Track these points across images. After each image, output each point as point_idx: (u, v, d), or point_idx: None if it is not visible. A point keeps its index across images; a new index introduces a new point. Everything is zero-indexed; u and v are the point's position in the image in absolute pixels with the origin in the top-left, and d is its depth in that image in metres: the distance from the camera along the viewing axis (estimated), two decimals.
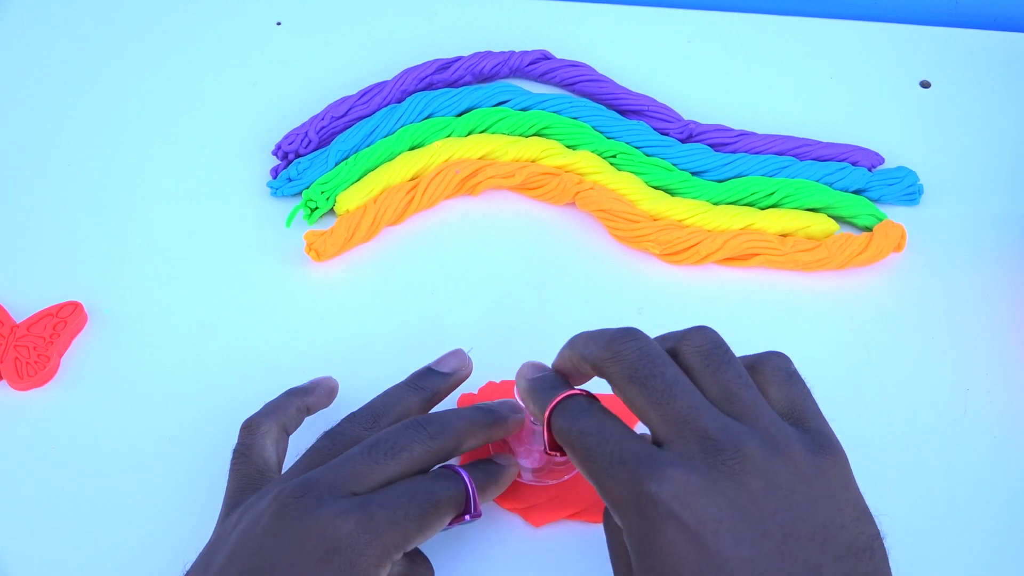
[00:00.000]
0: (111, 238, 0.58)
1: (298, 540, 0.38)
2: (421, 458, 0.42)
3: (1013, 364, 0.53)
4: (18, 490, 0.49)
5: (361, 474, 0.40)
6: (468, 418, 0.44)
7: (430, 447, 0.42)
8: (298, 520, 0.38)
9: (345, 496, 0.39)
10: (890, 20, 0.69)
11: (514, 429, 0.45)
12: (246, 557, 0.38)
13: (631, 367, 0.38)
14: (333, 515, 0.38)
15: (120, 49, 0.67)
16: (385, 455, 0.41)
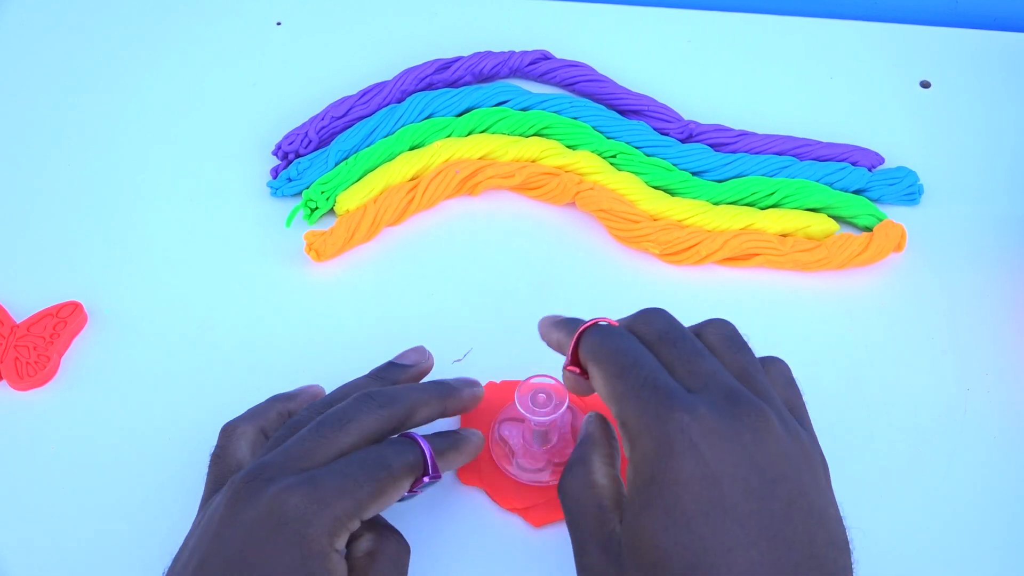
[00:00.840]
0: (111, 238, 0.58)
1: (249, 521, 0.38)
2: (371, 428, 0.42)
3: (1013, 364, 0.53)
4: (18, 490, 0.49)
5: (311, 450, 0.40)
6: (419, 389, 0.45)
7: (380, 415, 0.42)
8: (249, 502, 0.38)
9: (295, 473, 0.39)
10: (890, 20, 0.69)
11: (470, 403, 0.46)
12: (206, 547, 0.38)
13: (662, 330, 0.40)
14: (280, 491, 0.38)
15: (120, 49, 0.67)
16: (332, 428, 0.41)
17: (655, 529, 0.35)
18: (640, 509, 0.35)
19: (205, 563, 0.38)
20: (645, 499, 0.35)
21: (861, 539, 0.48)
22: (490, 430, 0.49)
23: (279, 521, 0.37)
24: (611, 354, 0.39)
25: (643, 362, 0.38)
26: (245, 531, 0.38)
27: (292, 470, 0.39)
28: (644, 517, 0.35)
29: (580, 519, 0.39)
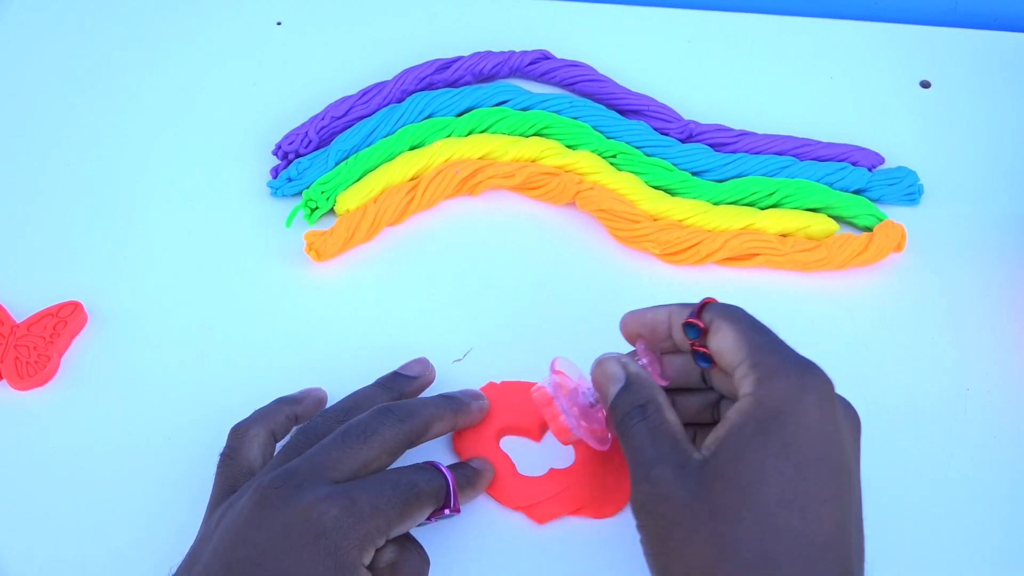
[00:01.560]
0: (111, 238, 0.58)
1: (282, 528, 0.39)
2: (392, 441, 0.43)
3: (1013, 364, 0.53)
4: (18, 490, 0.49)
5: (337, 460, 0.42)
6: (434, 404, 0.46)
7: (400, 430, 0.44)
8: (280, 508, 0.39)
9: (326, 483, 0.40)
10: (890, 20, 0.69)
11: (478, 417, 0.49)
12: (231, 549, 0.39)
13: (753, 320, 0.42)
14: (317, 500, 0.39)
15: (120, 49, 0.67)
16: (358, 439, 0.42)
17: (764, 455, 0.37)
18: (752, 435, 0.38)
19: (232, 564, 0.38)
20: (761, 427, 0.38)
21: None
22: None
23: (318, 531, 0.39)
24: (746, 315, 0.42)
25: (773, 333, 0.42)
26: (278, 536, 0.39)
27: (320, 478, 0.41)
28: (755, 442, 0.37)
29: (655, 448, 0.40)
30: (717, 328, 0.42)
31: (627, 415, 0.41)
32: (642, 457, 0.40)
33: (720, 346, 0.41)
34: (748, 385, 0.39)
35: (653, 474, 0.39)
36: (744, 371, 0.40)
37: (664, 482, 0.39)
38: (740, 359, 0.40)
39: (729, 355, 0.41)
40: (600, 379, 0.43)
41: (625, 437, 0.41)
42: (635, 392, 0.42)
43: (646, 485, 0.39)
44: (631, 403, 0.42)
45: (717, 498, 0.37)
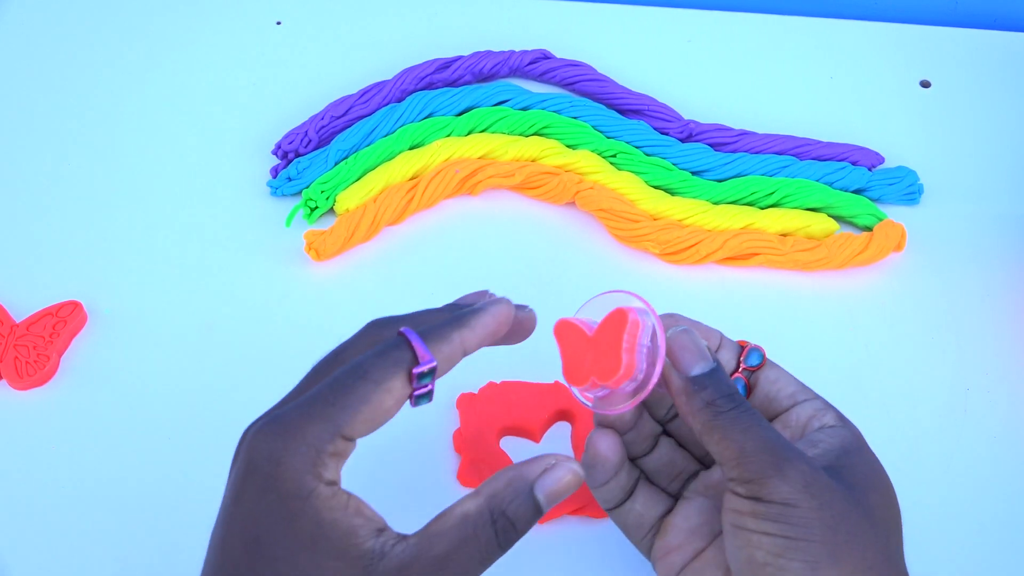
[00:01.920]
0: (111, 238, 0.58)
1: (234, 479, 0.34)
2: (364, 351, 0.36)
3: (1013, 364, 0.53)
4: (18, 490, 0.49)
5: (300, 388, 0.36)
6: (430, 311, 0.39)
7: (377, 336, 0.37)
8: (234, 461, 0.35)
9: (267, 415, 0.35)
10: (890, 20, 0.69)
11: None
12: (218, 517, 0.35)
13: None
14: (249, 439, 0.34)
15: (120, 49, 0.67)
16: (326, 360, 0.37)
17: (873, 483, 0.38)
18: (861, 460, 0.38)
19: (215, 536, 0.35)
20: (863, 458, 0.38)
21: None
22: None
23: (250, 470, 0.33)
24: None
25: None
26: (232, 490, 0.34)
27: (268, 414, 0.35)
28: (863, 464, 0.38)
29: (772, 428, 0.37)
30: (771, 365, 0.41)
31: (733, 395, 0.37)
32: (783, 439, 0.36)
33: (780, 379, 0.41)
34: (832, 419, 0.39)
35: (809, 460, 0.36)
36: (821, 406, 0.40)
37: (820, 472, 0.36)
38: (810, 396, 0.40)
39: (791, 388, 0.41)
40: (687, 347, 0.38)
41: (740, 416, 0.36)
42: (727, 377, 0.38)
43: (808, 468, 0.35)
44: (730, 385, 0.37)
45: (873, 510, 0.37)
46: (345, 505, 0.33)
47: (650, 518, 0.41)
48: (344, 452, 0.34)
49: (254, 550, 0.33)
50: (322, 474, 0.33)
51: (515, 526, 0.34)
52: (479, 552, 0.34)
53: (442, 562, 0.33)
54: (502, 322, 0.38)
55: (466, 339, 0.36)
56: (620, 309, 0.38)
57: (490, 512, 0.34)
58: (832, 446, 0.38)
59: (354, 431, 0.34)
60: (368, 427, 0.34)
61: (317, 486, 0.33)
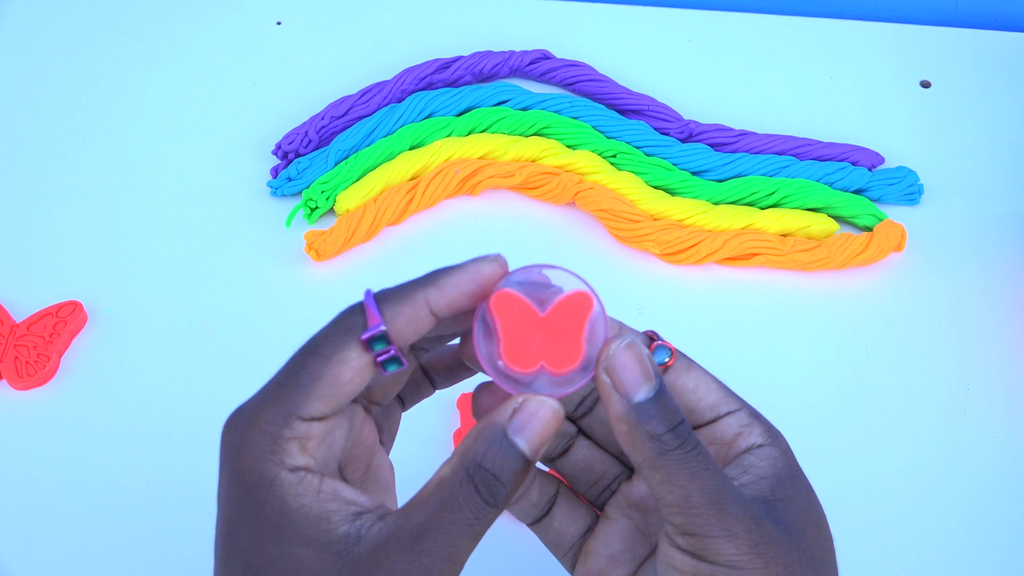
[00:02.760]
0: (111, 238, 0.58)
1: (218, 478, 0.33)
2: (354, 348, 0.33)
3: (1013, 364, 0.53)
4: (18, 489, 0.49)
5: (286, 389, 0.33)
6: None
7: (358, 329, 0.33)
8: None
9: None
10: (890, 20, 0.69)
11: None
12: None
13: None
14: (222, 434, 0.33)
15: (120, 49, 0.67)
16: (307, 354, 0.33)
17: (808, 508, 0.34)
18: (793, 490, 0.34)
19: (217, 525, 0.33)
20: (793, 480, 0.34)
21: (861, 539, 0.48)
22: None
23: (221, 464, 0.32)
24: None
25: None
26: (218, 487, 0.33)
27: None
28: (797, 495, 0.34)
29: (720, 472, 0.33)
30: (688, 366, 0.35)
31: (679, 428, 0.32)
32: (732, 488, 0.32)
33: (699, 386, 0.35)
34: (759, 436, 0.34)
35: (754, 511, 0.32)
36: (746, 420, 0.35)
37: (767, 523, 0.32)
38: (734, 406, 0.35)
39: (712, 397, 0.35)
40: (628, 367, 0.32)
41: (688, 459, 0.32)
42: (673, 401, 0.33)
43: (754, 525, 0.32)
44: (677, 414, 0.32)
45: (811, 549, 0.33)
46: (316, 490, 0.31)
47: (570, 536, 0.37)
48: (307, 434, 0.31)
49: (229, 543, 0.32)
50: (283, 460, 0.31)
51: (498, 477, 0.31)
52: (463, 515, 0.30)
53: (421, 533, 0.30)
54: (482, 282, 0.33)
55: (432, 299, 0.32)
56: (583, 293, 0.34)
57: (465, 470, 0.31)
58: (764, 472, 0.34)
59: (311, 410, 0.31)
60: (329, 403, 0.32)
61: (279, 473, 0.31)
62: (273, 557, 0.31)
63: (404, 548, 0.30)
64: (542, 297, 0.34)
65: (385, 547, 0.30)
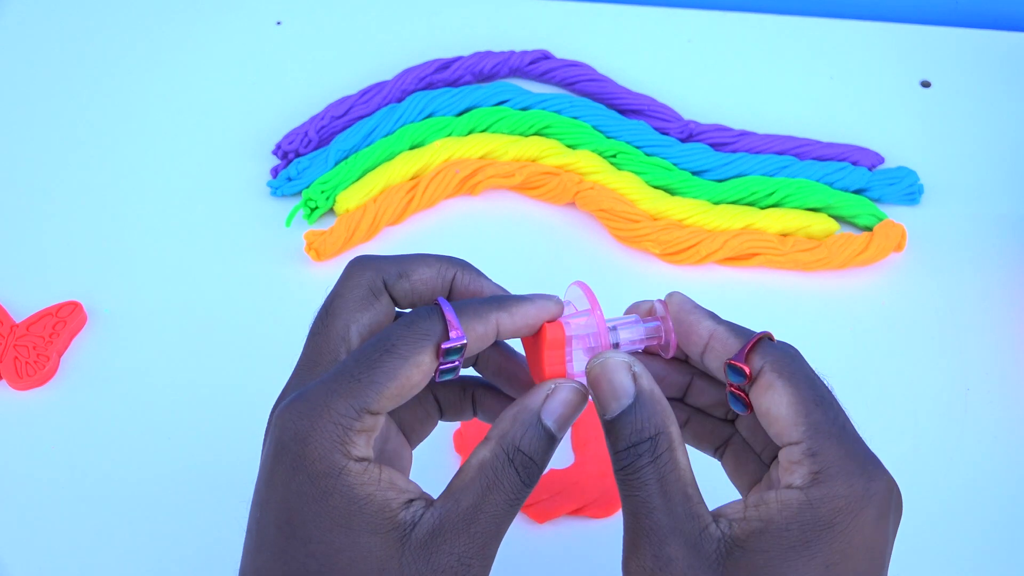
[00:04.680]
0: (111, 238, 0.58)
1: (265, 459, 0.33)
2: (416, 347, 0.34)
3: (1013, 364, 0.53)
4: (18, 489, 0.49)
5: (315, 360, 0.35)
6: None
7: (425, 333, 0.34)
8: (265, 438, 0.34)
9: (295, 389, 0.34)
10: (890, 20, 0.69)
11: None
12: (256, 509, 0.34)
13: (813, 380, 0.36)
14: (276, 417, 0.33)
15: (120, 49, 0.67)
16: (376, 350, 0.34)
17: (803, 574, 0.32)
18: (795, 545, 0.32)
19: (251, 519, 0.34)
20: (808, 539, 0.32)
21: None
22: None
23: (278, 450, 0.32)
24: (809, 380, 0.34)
25: (839, 405, 0.35)
26: (263, 471, 0.33)
27: (294, 387, 0.34)
28: (799, 557, 0.32)
29: (662, 506, 0.33)
30: (769, 384, 0.34)
31: (632, 448, 0.33)
32: (650, 521, 0.32)
33: (770, 409, 0.34)
34: (800, 477, 0.33)
35: (665, 551, 0.32)
36: (796, 456, 0.33)
37: (677, 565, 0.32)
38: (794, 437, 0.33)
39: (780, 425, 0.34)
40: (601, 385, 0.34)
41: (626, 478, 0.33)
42: (646, 417, 0.33)
43: (651, 562, 0.32)
44: (639, 432, 0.33)
45: None
46: (378, 480, 0.32)
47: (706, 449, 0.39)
48: (373, 427, 0.33)
49: (288, 531, 0.32)
50: (351, 451, 0.32)
51: (533, 460, 0.33)
52: (505, 495, 0.33)
53: (472, 514, 0.32)
54: (544, 317, 0.36)
55: (503, 323, 0.35)
56: (543, 326, 0.36)
57: (505, 453, 0.33)
58: (763, 516, 0.32)
59: (381, 406, 0.33)
60: (395, 401, 0.33)
61: (347, 463, 0.32)
62: (343, 545, 0.32)
63: (460, 531, 0.32)
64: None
65: (441, 531, 0.32)
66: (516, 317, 0.35)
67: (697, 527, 0.32)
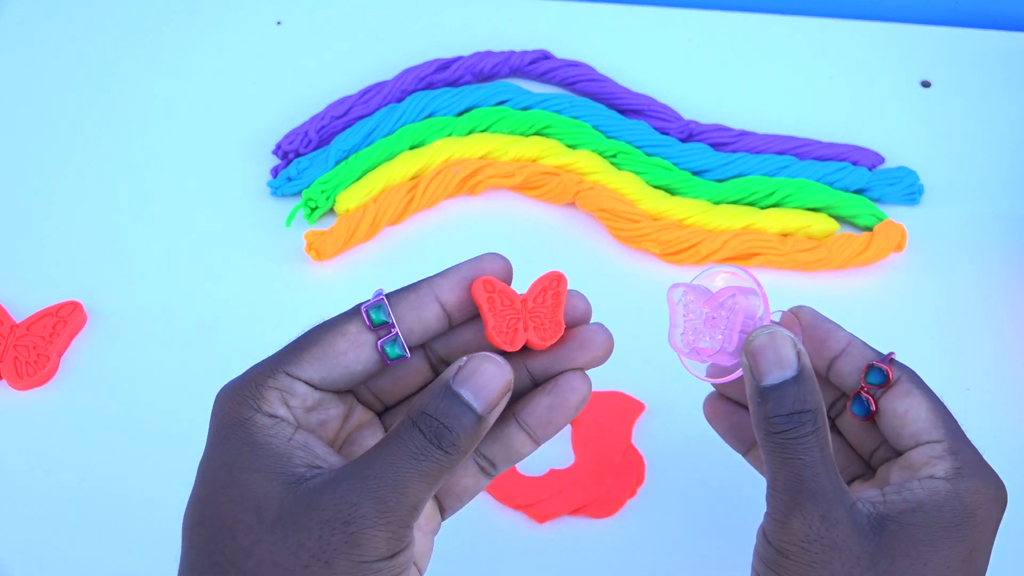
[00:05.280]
0: (111, 238, 0.58)
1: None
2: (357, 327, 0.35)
3: (1013, 364, 0.53)
4: (18, 490, 0.49)
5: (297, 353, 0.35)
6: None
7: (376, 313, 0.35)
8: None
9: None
10: (890, 20, 0.69)
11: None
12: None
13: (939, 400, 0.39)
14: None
15: (120, 49, 0.67)
16: (321, 327, 0.36)
17: (953, 555, 0.35)
18: (947, 526, 0.35)
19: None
20: (957, 523, 0.35)
21: None
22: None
23: (212, 424, 0.34)
24: (936, 396, 0.39)
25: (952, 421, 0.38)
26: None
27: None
28: (949, 536, 0.35)
29: (827, 471, 0.34)
30: (908, 391, 0.38)
31: (796, 415, 0.34)
32: (817, 484, 0.34)
33: (909, 412, 0.37)
34: (944, 470, 0.36)
35: (833, 513, 0.34)
36: (939, 452, 0.36)
37: (842, 528, 0.34)
38: (935, 437, 0.37)
39: (919, 425, 0.37)
40: (767, 353, 0.35)
41: (787, 442, 0.34)
42: (808, 391, 0.35)
43: (819, 522, 0.33)
44: (802, 403, 0.35)
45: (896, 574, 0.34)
46: (288, 437, 0.33)
47: None
48: (292, 390, 0.33)
49: (201, 478, 0.33)
50: (260, 406, 0.33)
51: (444, 424, 0.32)
52: (406, 447, 0.32)
53: (365, 461, 0.32)
54: (483, 271, 0.36)
55: (437, 286, 0.35)
56: (556, 274, 0.38)
57: (410, 419, 0.33)
58: (912, 498, 0.35)
59: (300, 371, 0.33)
60: (320, 369, 0.34)
61: (253, 415, 0.33)
62: (223, 484, 0.32)
63: (348, 476, 0.31)
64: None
65: (330, 481, 0.31)
66: (450, 276, 0.35)
67: (850, 499, 0.34)
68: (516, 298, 0.36)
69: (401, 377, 0.37)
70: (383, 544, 0.31)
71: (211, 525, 0.32)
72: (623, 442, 0.50)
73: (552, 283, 0.37)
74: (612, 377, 0.52)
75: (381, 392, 0.37)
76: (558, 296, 0.37)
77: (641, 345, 0.54)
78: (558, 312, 0.37)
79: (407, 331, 0.35)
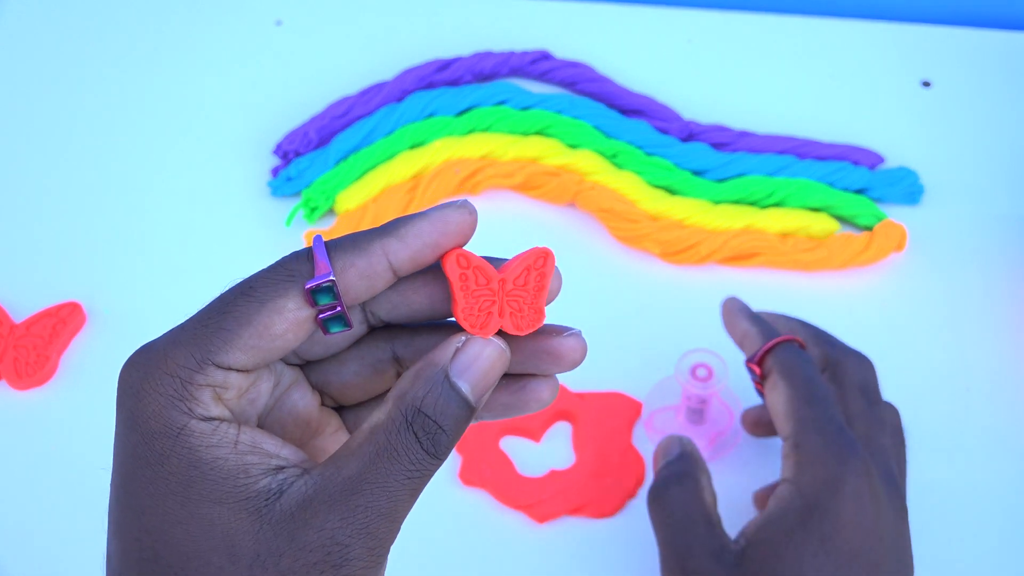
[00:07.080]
0: (111, 238, 0.58)
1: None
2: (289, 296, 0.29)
3: (1013, 364, 0.53)
4: (18, 490, 0.49)
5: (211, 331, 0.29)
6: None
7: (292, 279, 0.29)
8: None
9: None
10: (890, 20, 0.69)
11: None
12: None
13: (862, 382, 0.44)
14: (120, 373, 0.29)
15: (120, 49, 0.67)
16: (235, 293, 0.30)
17: (803, 553, 0.37)
18: (792, 529, 0.38)
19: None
20: (800, 521, 0.38)
21: None
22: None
23: (118, 407, 0.28)
24: (806, 381, 0.41)
25: (830, 401, 0.41)
26: (114, 439, 0.29)
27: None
28: (795, 538, 0.37)
29: (688, 528, 0.40)
30: (773, 385, 0.41)
31: (664, 480, 0.41)
32: (677, 538, 0.40)
33: (773, 406, 0.41)
34: (788, 469, 0.39)
35: (690, 565, 0.38)
36: (787, 450, 0.40)
37: (705, 572, 0.38)
38: (785, 433, 0.40)
39: (777, 421, 0.41)
40: (657, 453, 0.44)
41: (658, 504, 0.41)
42: (680, 463, 0.42)
43: (690, 564, 0.39)
44: (671, 471, 0.41)
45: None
46: (233, 442, 0.27)
47: None
48: (226, 383, 0.28)
49: (123, 503, 0.27)
50: (193, 409, 0.27)
51: (440, 425, 0.27)
52: (402, 466, 0.27)
53: (355, 484, 0.26)
54: (448, 232, 0.29)
55: (392, 250, 0.28)
56: (543, 250, 0.32)
57: (403, 415, 0.27)
58: (765, 513, 0.39)
59: (232, 359, 0.28)
60: (254, 355, 0.28)
61: (188, 422, 0.27)
62: (178, 518, 0.26)
63: (335, 503, 0.26)
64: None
65: (312, 503, 0.26)
66: (409, 240, 0.28)
67: (718, 543, 0.39)
68: (493, 276, 0.30)
69: (333, 338, 0.31)
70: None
71: (166, 563, 0.26)
72: (623, 442, 0.50)
73: (537, 261, 0.31)
74: (612, 377, 0.52)
75: (306, 353, 0.31)
76: (542, 278, 0.31)
77: (641, 345, 0.54)
78: (540, 298, 0.31)
79: (353, 302, 0.29)
